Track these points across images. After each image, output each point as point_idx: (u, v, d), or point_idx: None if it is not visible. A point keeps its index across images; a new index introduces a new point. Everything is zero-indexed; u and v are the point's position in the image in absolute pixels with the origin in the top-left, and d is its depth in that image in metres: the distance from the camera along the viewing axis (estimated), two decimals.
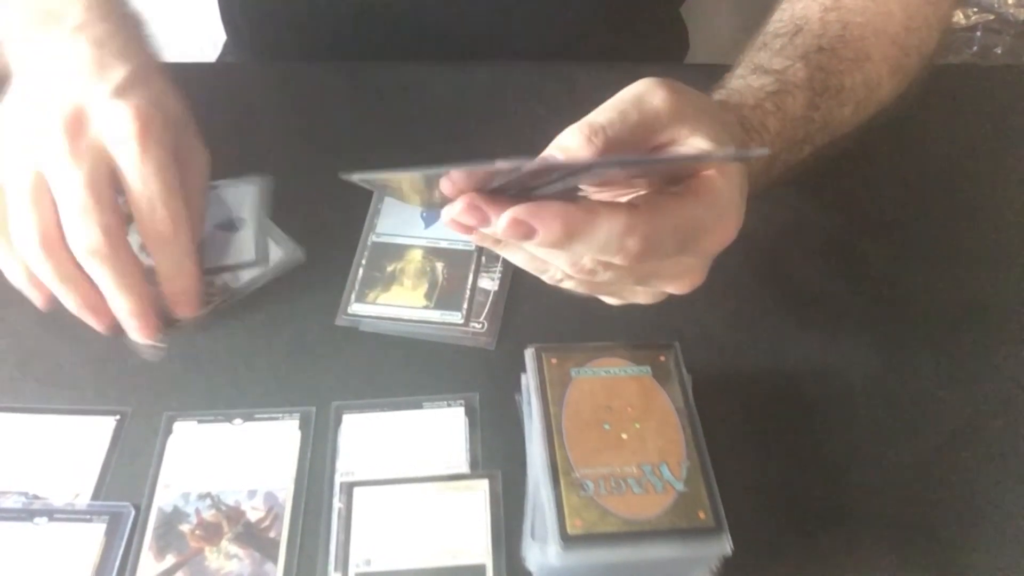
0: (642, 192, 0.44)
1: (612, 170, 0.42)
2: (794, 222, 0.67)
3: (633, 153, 0.42)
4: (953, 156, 0.74)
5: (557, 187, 0.41)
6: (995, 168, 0.73)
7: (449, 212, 0.40)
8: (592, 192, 0.44)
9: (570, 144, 0.41)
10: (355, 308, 0.60)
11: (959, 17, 1.71)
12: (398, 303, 0.60)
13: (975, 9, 1.73)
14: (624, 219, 0.39)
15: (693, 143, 0.44)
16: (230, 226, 0.64)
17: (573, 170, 0.40)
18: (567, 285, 0.46)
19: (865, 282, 0.64)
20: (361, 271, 0.62)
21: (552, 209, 0.39)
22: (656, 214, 0.41)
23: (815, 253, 0.65)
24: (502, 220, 0.39)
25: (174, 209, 0.52)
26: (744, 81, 0.56)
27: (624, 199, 0.43)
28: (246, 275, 0.61)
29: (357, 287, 0.61)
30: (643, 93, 0.44)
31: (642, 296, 0.49)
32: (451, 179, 0.39)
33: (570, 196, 0.42)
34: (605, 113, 0.43)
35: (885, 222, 0.68)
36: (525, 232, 0.39)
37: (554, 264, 0.44)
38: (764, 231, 0.66)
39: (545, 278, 0.46)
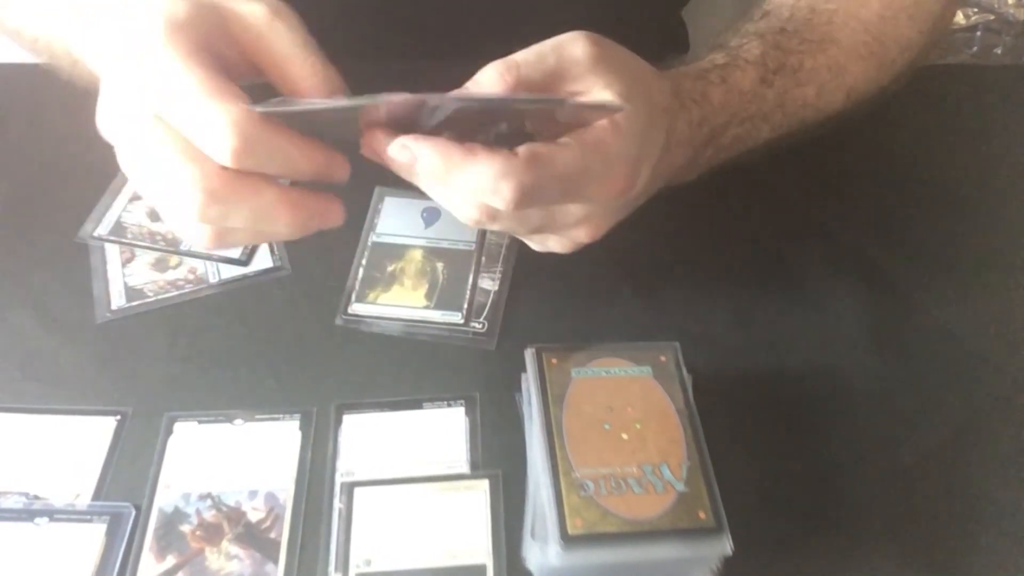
0: None
1: (472, 105, 0.44)
2: (794, 222, 0.67)
3: (503, 92, 0.44)
4: (953, 156, 0.74)
5: (490, 133, 0.43)
6: (995, 168, 0.73)
7: (364, 145, 0.44)
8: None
9: (484, 79, 0.44)
10: (355, 308, 0.60)
11: (959, 17, 1.71)
12: (398, 303, 0.60)
13: (975, 9, 1.73)
14: (500, 164, 0.41)
15: (600, 95, 0.45)
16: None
17: (444, 104, 0.42)
18: (484, 224, 0.47)
19: (866, 282, 0.63)
20: (361, 271, 0.62)
21: (435, 143, 0.42)
22: (536, 162, 0.42)
23: (815, 253, 0.65)
24: (393, 145, 0.42)
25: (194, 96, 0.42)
26: (701, 56, 0.57)
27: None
28: (226, 272, 0.62)
29: (357, 287, 0.61)
30: (566, 41, 0.46)
31: (552, 243, 0.51)
32: (367, 113, 0.43)
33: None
34: (524, 53, 0.45)
35: (887, 222, 0.68)
36: (409, 158, 0.42)
37: (455, 205, 0.46)
38: (764, 231, 0.66)
39: (462, 219, 0.47)
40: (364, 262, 0.62)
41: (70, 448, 0.53)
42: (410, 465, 0.52)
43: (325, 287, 0.61)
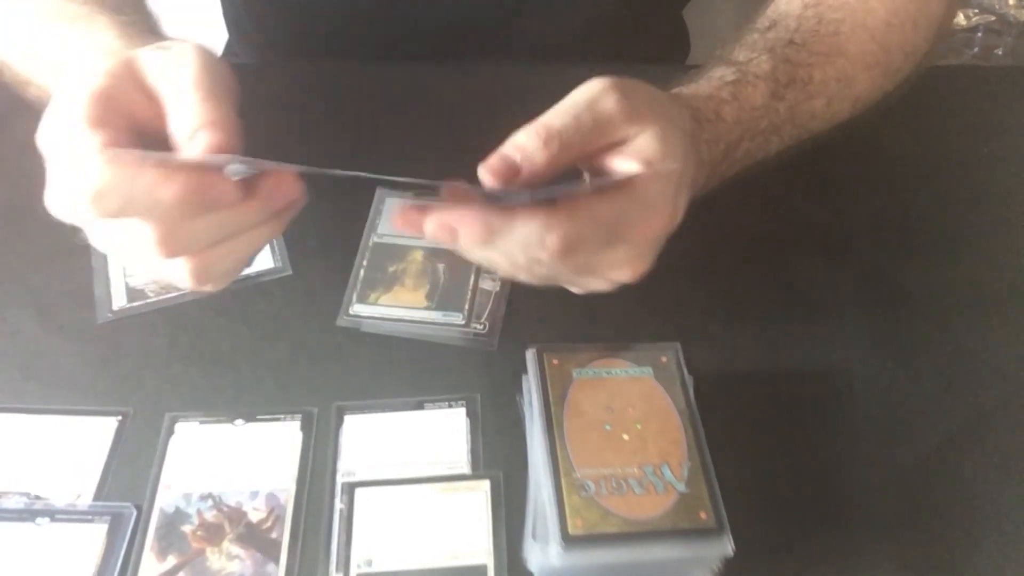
0: None
1: (523, 198, 0.44)
2: (794, 222, 0.67)
3: (545, 187, 0.44)
4: (954, 157, 0.74)
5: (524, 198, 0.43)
6: (996, 169, 0.73)
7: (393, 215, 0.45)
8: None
9: (527, 146, 0.44)
10: (356, 309, 0.60)
11: (960, 18, 1.71)
12: (399, 304, 0.60)
13: (976, 10, 1.73)
14: (542, 219, 0.42)
15: (640, 143, 0.46)
16: None
17: (493, 196, 0.43)
18: (522, 277, 0.48)
19: (865, 282, 0.64)
20: (362, 272, 0.62)
21: (473, 213, 0.42)
22: (576, 212, 0.43)
23: (815, 253, 0.65)
24: (429, 224, 0.43)
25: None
26: (706, 74, 0.57)
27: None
28: None
29: (358, 288, 0.61)
30: (597, 96, 0.46)
31: (595, 284, 0.50)
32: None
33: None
34: (561, 117, 0.45)
35: (886, 222, 0.68)
36: (450, 234, 0.42)
37: (497, 262, 0.46)
38: (765, 231, 0.66)
39: (500, 273, 0.48)
40: (365, 263, 0.63)
41: (71, 448, 0.53)
42: (411, 466, 0.52)
43: (326, 288, 0.61)
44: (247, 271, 0.62)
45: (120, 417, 0.54)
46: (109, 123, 0.42)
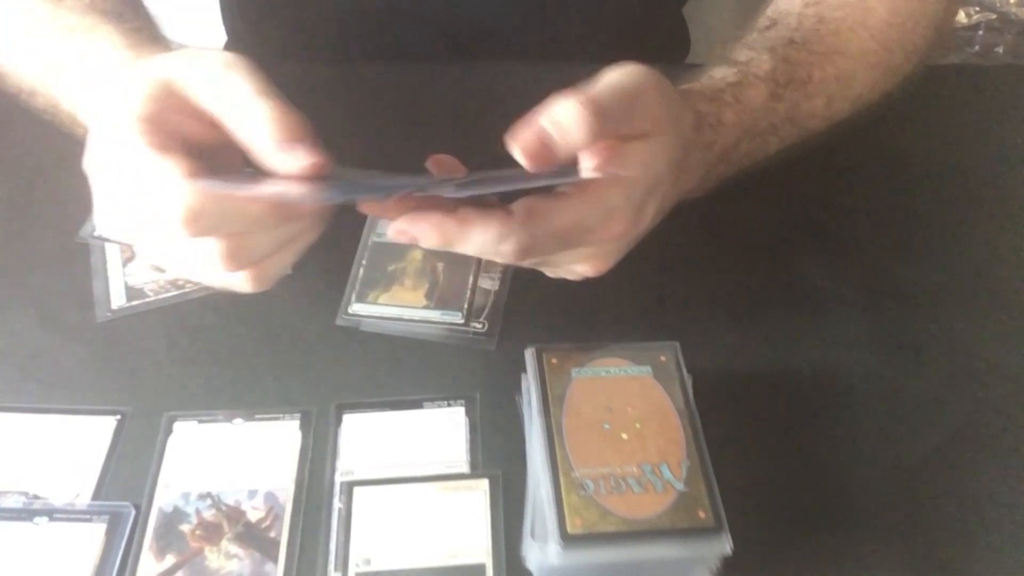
0: None
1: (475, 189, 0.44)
2: (794, 222, 0.67)
3: (501, 179, 0.44)
4: (954, 155, 0.74)
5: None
6: (996, 168, 0.73)
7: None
8: None
9: (569, 128, 0.42)
10: (356, 308, 0.60)
11: (961, 16, 1.71)
12: (399, 303, 0.60)
13: (977, 8, 1.73)
14: (497, 227, 0.43)
15: (648, 146, 0.46)
16: None
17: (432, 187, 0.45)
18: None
19: (867, 282, 0.63)
20: (362, 271, 0.62)
21: (430, 219, 0.44)
22: (531, 219, 0.44)
23: (815, 253, 0.65)
24: (390, 228, 0.45)
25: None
26: (712, 71, 0.57)
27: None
28: None
29: (358, 287, 0.61)
30: (643, 89, 0.46)
31: (564, 274, 0.52)
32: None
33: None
34: (611, 99, 0.44)
35: (886, 221, 0.68)
36: (410, 238, 0.44)
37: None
38: (765, 231, 0.66)
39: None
40: (364, 262, 0.62)
41: (70, 448, 0.53)
42: (410, 465, 0.52)
43: (325, 287, 0.61)
44: None
45: (119, 416, 0.54)
46: (170, 148, 0.43)
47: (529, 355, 0.51)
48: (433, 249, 0.45)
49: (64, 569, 0.47)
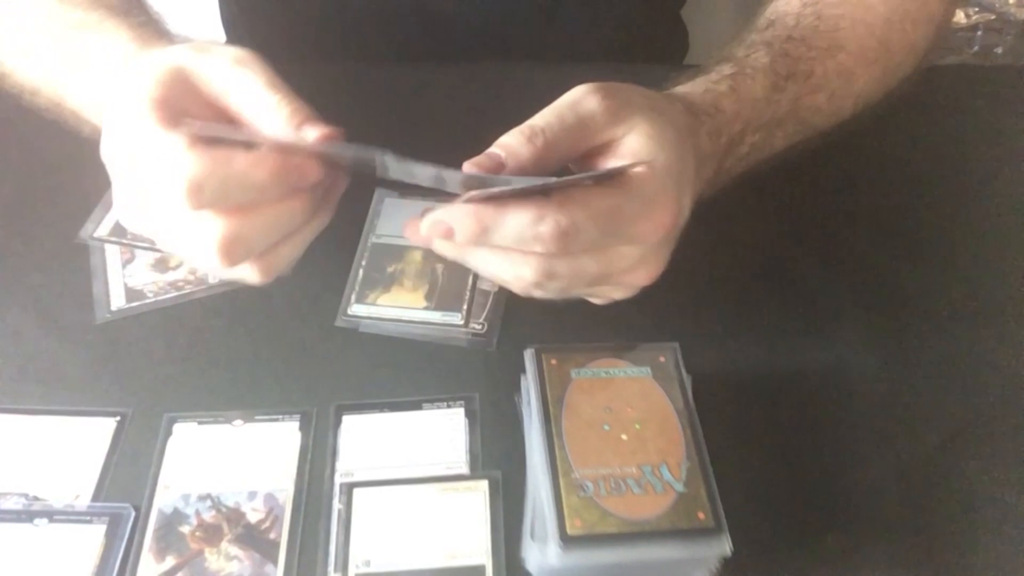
0: None
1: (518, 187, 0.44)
2: (794, 222, 0.67)
3: (542, 179, 0.44)
4: (953, 156, 0.74)
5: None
6: (995, 168, 0.73)
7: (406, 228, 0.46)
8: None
9: (511, 143, 0.45)
10: (355, 309, 0.60)
11: (959, 17, 1.71)
12: (398, 304, 0.60)
13: (976, 8, 1.73)
14: (534, 209, 0.42)
15: (629, 142, 0.47)
16: None
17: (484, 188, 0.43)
18: (538, 293, 0.48)
19: (865, 282, 0.63)
20: (361, 272, 0.62)
21: (464, 208, 0.43)
22: (569, 201, 0.43)
23: (815, 253, 0.65)
24: (424, 223, 0.44)
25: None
26: (703, 73, 0.57)
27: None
28: None
29: (357, 288, 0.61)
30: (579, 98, 0.47)
31: (614, 292, 0.51)
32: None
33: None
34: (543, 117, 0.46)
35: (885, 222, 0.68)
36: (444, 231, 0.43)
37: (507, 279, 0.47)
38: (765, 231, 0.66)
39: (515, 289, 0.48)
40: (364, 263, 0.62)
41: (70, 449, 0.53)
42: (409, 466, 0.52)
43: (324, 288, 0.61)
44: None
45: (118, 418, 0.54)
46: (177, 125, 0.44)
47: (528, 356, 0.51)
48: (469, 240, 0.43)
49: (64, 571, 0.47)
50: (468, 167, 0.44)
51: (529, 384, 0.50)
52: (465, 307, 0.60)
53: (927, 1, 0.65)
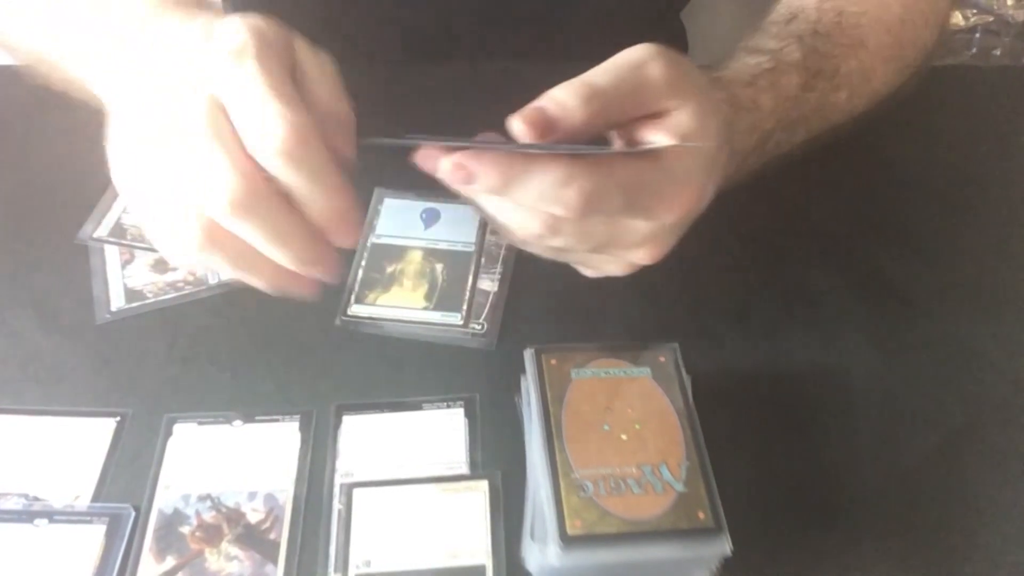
0: None
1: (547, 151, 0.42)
2: (794, 222, 0.67)
3: (572, 145, 0.42)
4: (952, 157, 0.74)
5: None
6: (995, 169, 0.73)
7: (416, 156, 0.43)
8: None
9: (567, 102, 0.42)
10: (355, 309, 0.60)
11: (958, 18, 1.71)
12: (398, 304, 0.60)
13: (974, 10, 1.73)
14: (563, 170, 0.40)
15: (678, 117, 0.44)
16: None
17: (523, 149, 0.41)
18: (534, 248, 0.47)
19: (865, 282, 0.64)
20: (361, 272, 0.62)
21: (492, 156, 0.40)
22: (600, 169, 0.41)
23: (815, 253, 0.65)
24: (445, 163, 0.41)
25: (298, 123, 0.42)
26: (740, 61, 0.56)
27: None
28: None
29: (357, 288, 0.61)
30: (641, 61, 0.44)
31: (611, 265, 0.49)
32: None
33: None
34: (604, 76, 0.43)
35: (885, 222, 0.68)
36: (466, 176, 0.41)
37: (510, 220, 0.45)
38: (766, 231, 0.66)
39: (511, 239, 0.46)
40: (363, 263, 0.62)
41: (70, 449, 0.52)
42: (409, 466, 0.52)
43: (324, 288, 0.61)
44: None
45: (118, 418, 0.54)
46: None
47: (528, 356, 0.51)
48: (488, 190, 0.41)
49: (64, 571, 0.47)
50: (517, 124, 0.41)
51: (529, 384, 0.50)
52: (465, 307, 0.60)
53: (936, 1, 0.65)
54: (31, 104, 0.74)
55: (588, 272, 0.51)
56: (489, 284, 0.61)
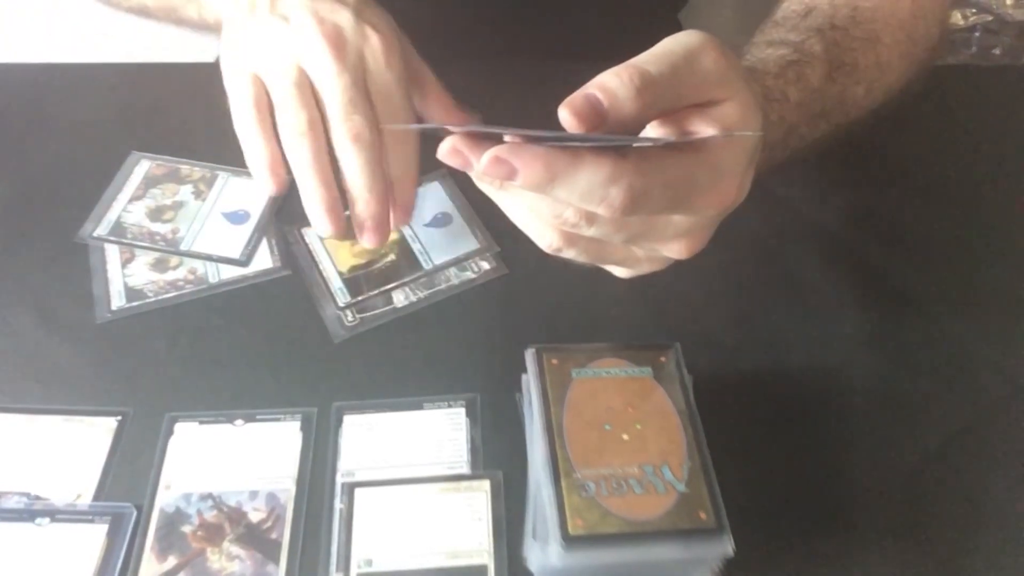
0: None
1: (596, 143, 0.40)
2: (794, 222, 0.67)
3: (609, 136, 0.40)
4: (952, 156, 0.74)
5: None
6: (994, 168, 0.73)
7: (441, 150, 0.40)
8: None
9: (617, 91, 0.39)
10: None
11: (957, 18, 1.71)
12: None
13: (973, 10, 1.73)
14: (609, 167, 0.38)
15: (726, 109, 0.43)
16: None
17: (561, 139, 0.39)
18: (567, 254, 0.45)
19: (866, 282, 0.64)
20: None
21: (535, 150, 0.38)
22: (646, 166, 0.39)
23: (815, 253, 0.65)
24: (484, 158, 0.38)
25: (404, 105, 0.56)
26: (764, 53, 0.55)
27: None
28: (226, 272, 0.62)
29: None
30: (696, 51, 0.42)
31: (645, 263, 0.47)
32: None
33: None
34: (658, 64, 0.40)
35: (886, 222, 0.68)
36: (507, 172, 0.38)
37: (540, 218, 0.43)
38: (764, 231, 0.66)
39: (541, 244, 0.45)
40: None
41: (71, 448, 0.53)
42: (411, 466, 0.52)
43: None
44: (245, 271, 0.62)
45: (120, 417, 0.54)
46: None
47: (529, 355, 0.51)
48: (530, 186, 0.39)
49: (66, 570, 0.47)
50: (566, 117, 0.38)
51: (530, 384, 0.50)
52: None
53: None
54: (31, 104, 0.74)
55: (621, 273, 0.49)
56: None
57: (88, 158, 0.70)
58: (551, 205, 0.41)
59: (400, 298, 0.61)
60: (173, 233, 0.64)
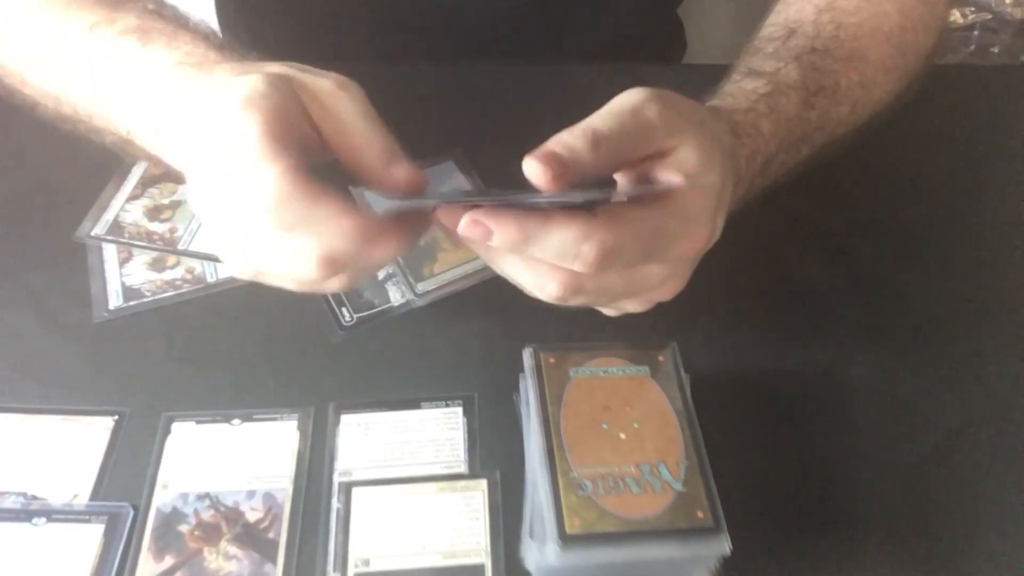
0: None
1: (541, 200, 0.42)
2: (794, 222, 0.67)
3: (580, 192, 0.42)
4: (951, 156, 0.74)
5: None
6: (993, 168, 0.73)
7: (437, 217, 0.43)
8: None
9: (575, 146, 0.42)
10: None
11: (956, 16, 1.71)
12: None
13: (972, 8, 1.73)
14: (580, 225, 0.41)
15: (680, 156, 0.45)
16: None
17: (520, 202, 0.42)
18: (554, 300, 0.46)
19: (865, 282, 0.64)
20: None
21: (509, 212, 0.41)
22: (615, 223, 0.42)
23: (815, 253, 0.65)
24: (463, 221, 0.41)
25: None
26: (737, 85, 0.56)
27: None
28: (223, 271, 0.62)
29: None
30: (639, 105, 0.44)
31: (632, 305, 0.50)
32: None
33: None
34: (605, 121, 0.43)
35: (884, 222, 0.68)
36: (483, 233, 0.41)
37: (526, 280, 0.45)
38: (764, 231, 0.66)
39: (540, 296, 0.46)
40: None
41: (68, 448, 0.52)
42: (408, 465, 0.52)
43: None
44: None
45: (117, 417, 0.54)
46: (288, 145, 0.42)
47: (527, 355, 0.51)
48: (506, 247, 0.42)
49: (62, 570, 0.47)
50: (532, 167, 0.41)
51: (528, 383, 0.50)
52: None
53: (935, 6, 0.65)
54: (31, 104, 0.74)
55: (611, 313, 0.51)
56: None
57: (86, 157, 0.70)
58: (535, 278, 0.44)
59: (397, 297, 0.61)
60: (171, 232, 0.64)
